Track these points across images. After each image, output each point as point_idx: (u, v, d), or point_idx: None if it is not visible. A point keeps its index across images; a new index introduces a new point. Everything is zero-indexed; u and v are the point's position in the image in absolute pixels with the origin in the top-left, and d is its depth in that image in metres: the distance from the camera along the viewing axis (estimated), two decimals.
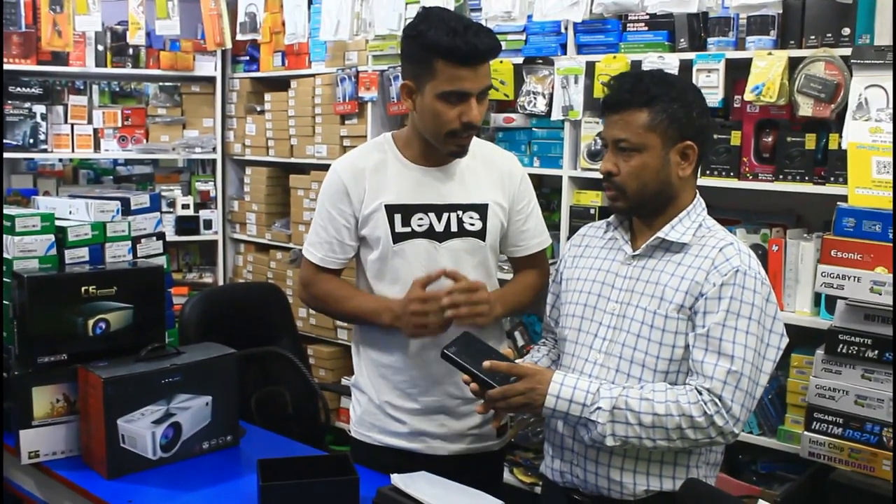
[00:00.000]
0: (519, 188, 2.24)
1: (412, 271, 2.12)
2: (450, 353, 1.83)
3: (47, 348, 2.14)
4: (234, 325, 2.98)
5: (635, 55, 3.05)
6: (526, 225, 2.26)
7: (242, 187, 4.88)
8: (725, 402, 1.75)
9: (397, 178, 2.15)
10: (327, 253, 2.20)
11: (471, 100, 2.02)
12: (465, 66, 1.98)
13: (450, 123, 2.03)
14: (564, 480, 1.97)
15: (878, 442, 2.15)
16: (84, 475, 2.08)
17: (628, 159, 1.84)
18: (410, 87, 2.08)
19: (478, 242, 2.17)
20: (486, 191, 2.19)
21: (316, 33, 4.13)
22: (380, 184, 2.15)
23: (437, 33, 1.97)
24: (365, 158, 2.19)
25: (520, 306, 2.29)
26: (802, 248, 2.74)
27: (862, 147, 2.36)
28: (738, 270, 1.79)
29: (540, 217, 2.31)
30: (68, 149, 4.60)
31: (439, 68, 1.99)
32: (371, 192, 2.14)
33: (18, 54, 4.37)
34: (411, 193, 2.14)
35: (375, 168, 2.16)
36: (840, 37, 2.65)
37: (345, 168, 2.19)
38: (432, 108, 2.03)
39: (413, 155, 2.17)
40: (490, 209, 2.18)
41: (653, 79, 1.86)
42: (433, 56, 1.99)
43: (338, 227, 2.17)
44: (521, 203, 2.24)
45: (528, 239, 2.27)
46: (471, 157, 2.19)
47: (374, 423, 2.24)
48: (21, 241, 2.21)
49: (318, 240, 2.21)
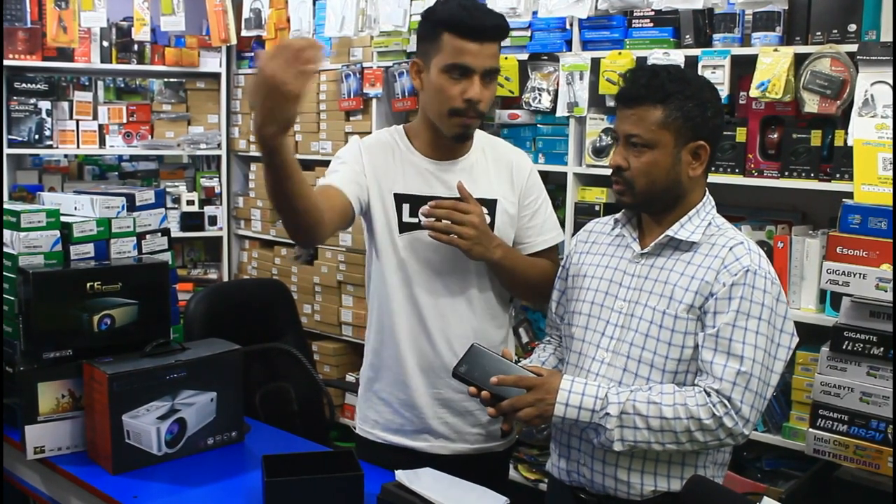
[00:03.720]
0: (527, 183, 2.23)
1: (417, 262, 2.13)
2: (461, 374, 1.85)
3: (53, 344, 2.14)
4: (239, 322, 2.99)
5: (640, 51, 3.04)
6: (533, 221, 2.23)
7: (247, 183, 4.89)
8: (735, 404, 1.74)
9: (407, 168, 2.15)
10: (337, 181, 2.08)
11: (474, 76, 2.02)
12: (469, 39, 1.99)
13: (452, 100, 2.03)
14: (571, 479, 1.97)
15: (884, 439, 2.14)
16: (89, 470, 2.08)
17: (639, 155, 1.83)
18: (419, 64, 2.09)
19: None
20: (496, 186, 2.18)
21: (321, 29, 4.13)
22: (389, 170, 2.15)
23: (445, 8, 2.02)
24: (381, 142, 2.20)
25: (523, 272, 2.18)
26: (808, 244, 2.73)
27: (868, 144, 2.35)
28: (748, 270, 1.78)
29: (550, 214, 2.28)
30: (73, 145, 4.61)
31: (445, 41, 2.01)
32: (381, 176, 2.13)
33: (24, 50, 4.38)
34: (420, 184, 2.14)
35: (389, 154, 2.17)
36: (846, 33, 2.65)
37: (364, 141, 2.20)
38: (436, 83, 2.04)
39: (422, 146, 2.17)
40: (499, 204, 2.17)
41: (669, 75, 1.83)
42: (440, 29, 2.01)
43: (351, 171, 2.11)
44: (529, 198, 2.23)
45: (535, 236, 2.24)
46: (480, 151, 2.19)
47: (377, 420, 2.24)
48: (26, 237, 2.21)
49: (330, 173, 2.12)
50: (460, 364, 1.86)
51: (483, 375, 1.82)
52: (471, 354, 1.87)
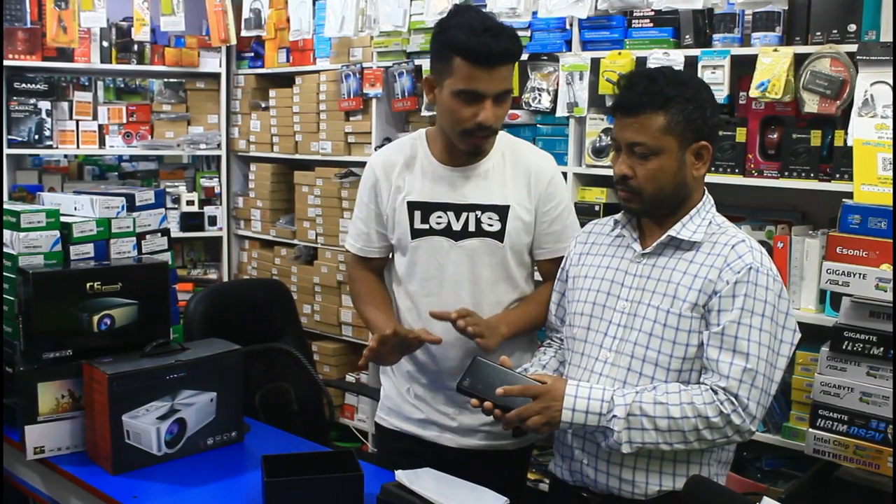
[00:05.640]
0: (546, 189, 2.18)
1: (428, 267, 2.15)
2: (465, 387, 1.86)
3: (52, 344, 2.14)
4: (239, 322, 2.99)
5: (640, 51, 3.04)
6: (552, 227, 2.19)
7: (247, 184, 4.89)
8: (742, 401, 1.74)
9: (422, 176, 2.17)
10: (365, 244, 2.27)
11: (485, 101, 2.01)
12: (479, 66, 1.98)
13: (464, 122, 2.04)
14: (574, 479, 1.96)
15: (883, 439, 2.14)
16: (89, 471, 2.08)
17: (645, 163, 1.82)
18: (432, 81, 2.10)
19: (495, 243, 2.14)
20: (510, 192, 2.15)
21: (320, 30, 4.13)
22: (406, 180, 2.18)
23: (457, 31, 1.99)
24: (398, 153, 2.22)
25: (533, 322, 2.21)
26: (807, 244, 2.73)
27: (868, 144, 2.35)
28: (751, 268, 1.79)
29: (571, 222, 2.24)
30: (73, 145, 4.61)
31: (456, 66, 1.99)
32: (398, 188, 2.18)
33: (24, 50, 4.38)
34: (433, 191, 2.15)
35: (406, 164, 2.19)
36: (846, 33, 2.65)
37: (378, 163, 2.24)
38: (449, 105, 2.04)
39: (439, 152, 2.18)
40: (511, 211, 2.14)
41: (666, 79, 1.82)
42: (451, 53, 2.00)
43: (373, 217, 2.24)
44: (549, 205, 2.18)
45: (553, 243, 2.20)
46: (500, 156, 2.18)
47: (392, 408, 2.28)
48: (26, 237, 2.21)
49: (356, 231, 2.29)
50: (464, 378, 1.87)
51: (487, 387, 1.83)
52: (473, 367, 1.88)
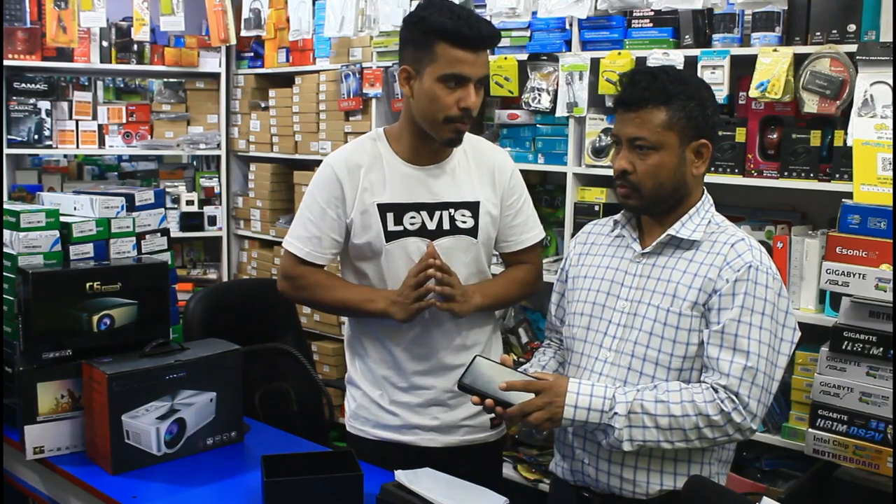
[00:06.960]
0: (510, 183, 2.24)
1: (404, 269, 2.13)
2: (467, 384, 1.86)
3: (52, 344, 2.14)
4: (239, 322, 2.98)
5: (640, 52, 3.04)
6: (516, 220, 2.26)
7: (247, 183, 4.89)
8: (742, 399, 1.75)
9: (390, 177, 2.15)
10: (314, 248, 2.19)
11: (469, 85, 2.03)
12: (466, 49, 2.00)
13: (448, 109, 2.04)
14: (575, 479, 1.97)
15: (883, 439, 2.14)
16: (88, 471, 2.08)
17: (645, 158, 1.83)
18: (409, 71, 2.08)
19: (470, 240, 2.18)
20: (478, 188, 2.19)
21: (320, 29, 4.13)
22: (373, 182, 2.15)
23: (440, 17, 2.01)
24: (359, 154, 2.18)
25: (505, 298, 2.28)
26: (807, 245, 2.73)
27: (867, 144, 2.35)
28: (750, 266, 1.80)
29: (531, 212, 2.30)
30: (73, 145, 4.61)
31: (440, 51, 2.01)
32: (364, 191, 2.14)
33: (23, 50, 4.38)
34: (403, 192, 2.14)
35: (370, 165, 2.16)
36: (846, 33, 2.64)
37: (339, 164, 2.17)
38: (431, 93, 2.04)
39: (404, 151, 2.17)
40: (482, 206, 2.18)
41: (668, 76, 1.84)
42: (435, 39, 2.01)
43: (329, 222, 2.16)
44: (512, 198, 2.25)
45: (518, 234, 2.27)
46: (462, 153, 2.20)
47: (367, 417, 2.25)
48: (26, 237, 2.21)
49: (306, 234, 2.19)
50: (465, 376, 1.87)
51: (488, 384, 1.83)
52: (474, 366, 1.88)
